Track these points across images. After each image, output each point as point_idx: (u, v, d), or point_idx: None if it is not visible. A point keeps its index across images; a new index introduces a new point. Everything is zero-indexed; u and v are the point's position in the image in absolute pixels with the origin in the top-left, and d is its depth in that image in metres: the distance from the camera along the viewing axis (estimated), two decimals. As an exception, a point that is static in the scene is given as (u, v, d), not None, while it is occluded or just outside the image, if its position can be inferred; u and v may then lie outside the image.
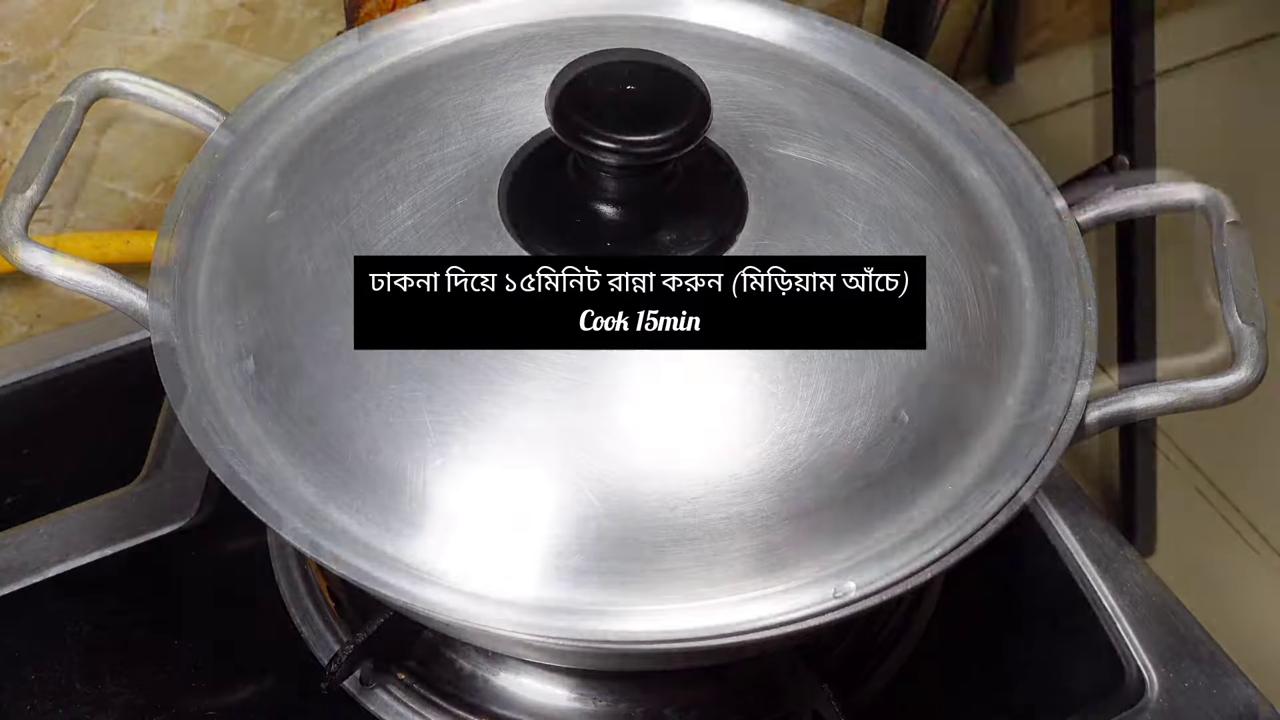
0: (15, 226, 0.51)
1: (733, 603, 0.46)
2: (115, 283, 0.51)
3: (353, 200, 0.52)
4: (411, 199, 0.51)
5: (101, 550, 0.64)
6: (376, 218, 0.51)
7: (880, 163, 0.54)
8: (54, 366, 0.73)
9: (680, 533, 0.46)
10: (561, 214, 0.49)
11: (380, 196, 0.51)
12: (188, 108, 0.59)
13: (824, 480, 0.47)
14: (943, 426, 0.49)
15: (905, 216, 0.53)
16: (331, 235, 0.51)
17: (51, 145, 0.53)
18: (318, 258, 0.51)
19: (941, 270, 0.51)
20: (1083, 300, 0.53)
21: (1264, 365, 0.50)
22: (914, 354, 0.49)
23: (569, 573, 0.46)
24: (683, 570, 0.46)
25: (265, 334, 0.50)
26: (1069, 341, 0.52)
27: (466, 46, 0.59)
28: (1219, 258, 0.54)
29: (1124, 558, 0.65)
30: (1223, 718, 0.59)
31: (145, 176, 0.76)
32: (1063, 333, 0.53)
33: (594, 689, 0.59)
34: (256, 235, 0.54)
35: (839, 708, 0.55)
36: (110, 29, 0.70)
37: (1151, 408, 0.51)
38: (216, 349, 0.51)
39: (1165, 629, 0.62)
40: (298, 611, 0.62)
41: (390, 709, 0.59)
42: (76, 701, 0.59)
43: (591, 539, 0.46)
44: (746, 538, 0.46)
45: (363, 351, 0.48)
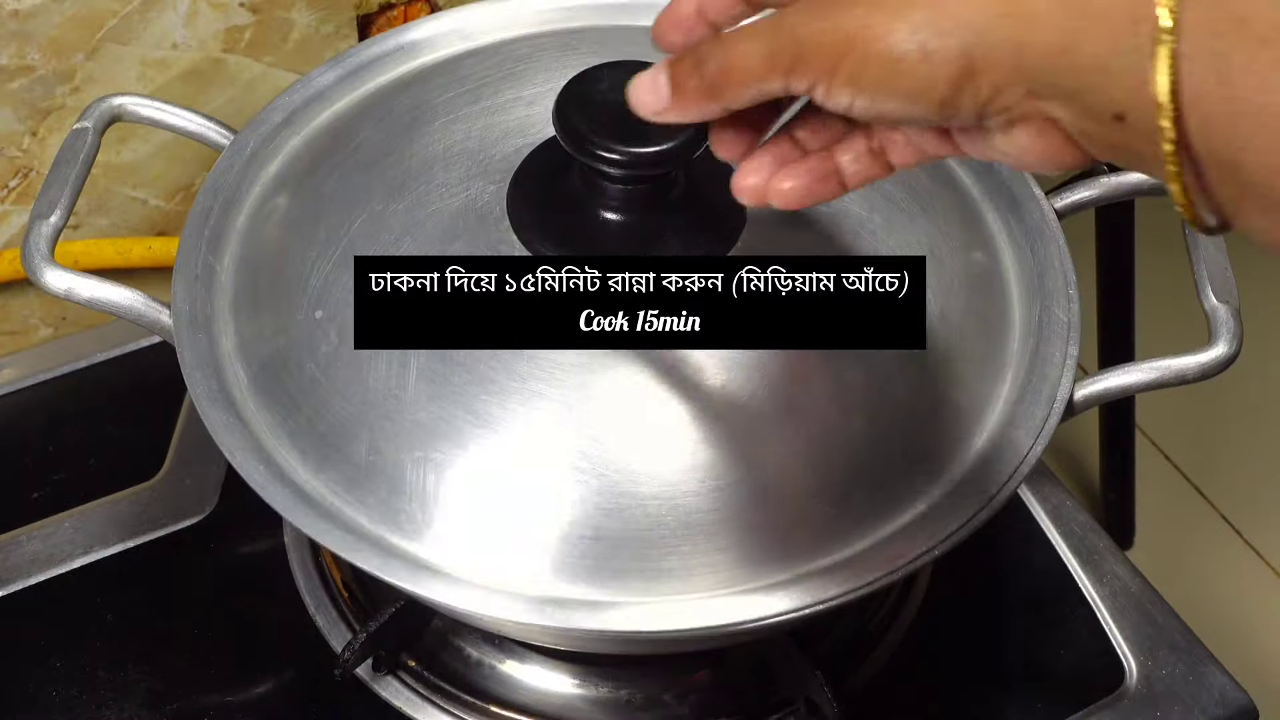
0: (43, 252, 0.52)
1: (730, 595, 0.46)
2: (141, 301, 0.53)
3: (359, 209, 0.52)
4: (417, 207, 0.51)
5: (124, 543, 0.65)
6: (382, 226, 0.51)
7: None
8: (78, 367, 0.74)
9: (680, 529, 0.46)
10: (566, 220, 0.48)
11: (386, 205, 0.52)
12: (198, 127, 0.60)
13: (820, 475, 0.47)
14: (936, 417, 0.50)
15: (900, 212, 0.53)
16: (340, 242, 0.51)
17: (72, 170, 0.55)
18: (324, 266, 0.51)
19: (935, 261, 0.52)
20: (1065, 285, 0.54)
21: (1239, 341, 0.51)
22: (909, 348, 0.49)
23: (570, 569, 0.46)
24: (681, 566, 0.46)
25: (278, 337, 0.51)
26: (1054, 325, 0.52)
27: (472, 55, 0.59)
28: (1191, 239, 0.54)
29: (1104, 550, 0.65)
30: (1199, 705, 0.60)
31: (165, 185, 0.76)
32: (1048, 317, 0.53)
33: (596, 676, 0.59)
34: (270, 244, 0.54)
35: (831, 693, 0.56)
36: (132, 44, 0.70)
37: (1133, 385, 0.51)
38: (235, 354, 0.51)
39: (1143, 619, 0.63)
40: (312, 602, 0.62)
41: (401, 695, 0.59)
42: (100, 688, 0.60)
43: (591, 537, 0.46)
44: (745, 532, 0.46)
45: (365, 352, 0.48)
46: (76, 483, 0.68)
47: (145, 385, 0.72)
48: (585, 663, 0.60)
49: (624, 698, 0.59)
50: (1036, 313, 0.53)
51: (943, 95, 0.32)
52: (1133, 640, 0.62)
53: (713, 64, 0.37)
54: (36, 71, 0.69)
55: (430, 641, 0.60)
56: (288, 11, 0.73)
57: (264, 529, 0.65)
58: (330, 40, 0.75)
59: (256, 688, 0.60)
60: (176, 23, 0.71)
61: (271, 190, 0.56)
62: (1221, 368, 0.51)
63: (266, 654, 0.62)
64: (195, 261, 0.54)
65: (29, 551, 0.65)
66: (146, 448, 0.69)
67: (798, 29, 0.35)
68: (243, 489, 0.48)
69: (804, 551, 0.47)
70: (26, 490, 0.68)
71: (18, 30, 0.67)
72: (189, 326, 0.51)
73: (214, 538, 0.66)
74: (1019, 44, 0.30)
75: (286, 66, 0.75)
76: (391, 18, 0.76)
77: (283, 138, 0.58)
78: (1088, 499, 1.18)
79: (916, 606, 0.63)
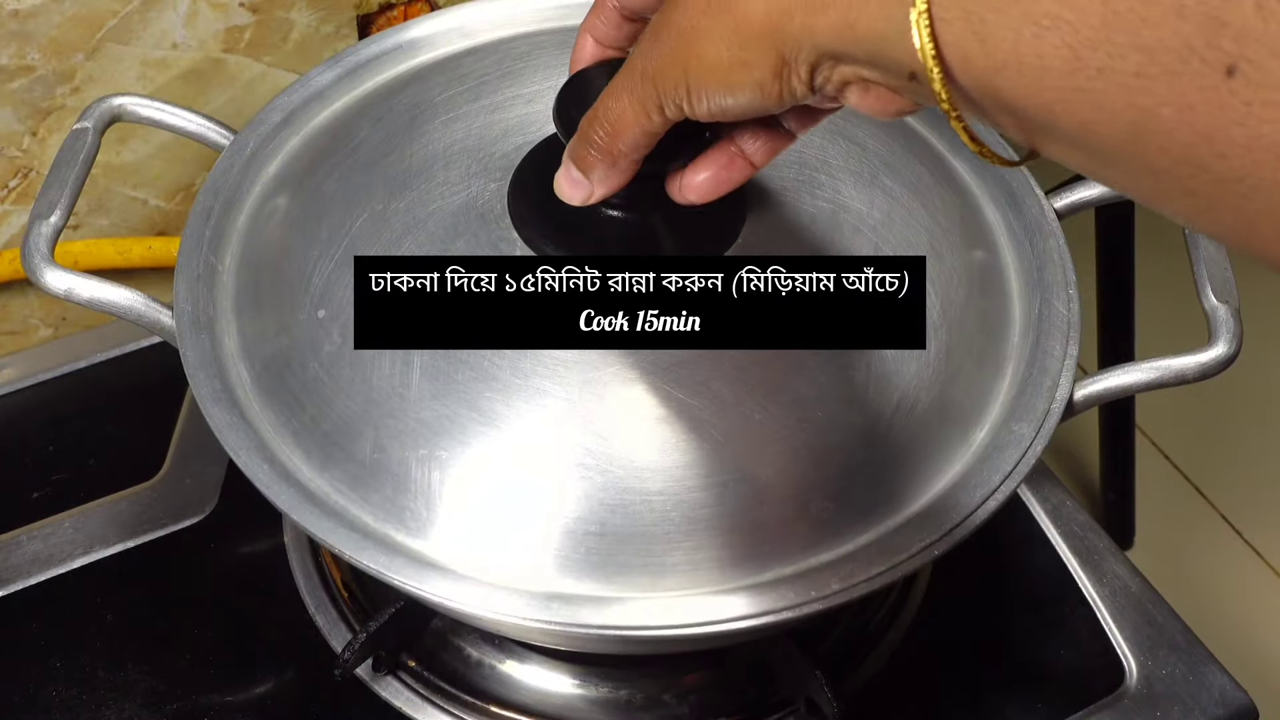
0: (43, 252, 0.52)
1: (733, 590, 0.46)
2: (141, 301, 0.52)
3: (360, 208, 0.52)
4: (419, 205, 0.51)
5: (124, 543, 0.65)
6: (384, 224, 0.51)
7: (876, 160, 0.55)
8: (78, 367, 0.74)
9: (684, 524, 0.46)
10: (567, 217, 0.47)
11: (387, 203, 0.52)
12: (198, 127, 0.60)
13: (821, 470, 0.47)
14: (938, 415, 0.50)
15: (900, 208, 0.53)
16: (341, 241, 0.51)
17: (71, 171, 0.54)
18: (326, 265, 0.51)
19: (936, 258, 0.52)
20: (1064, 280, 0.54)
21: (1239, 341, 0.51)
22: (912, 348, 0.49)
23: (574, 566, 0.46)
24: (686, 561, 0.46)
25: (280, 337, 0.51)
26: (1054, 320, 0.52)
27: (472, 53, 0.59)
28: (1191, 239, 0.54)
29: (1104, 550, 0.66)
30: (1199, 705, 0.60)
31: (165, 185, 0.77)
32: (1048, 311, 0.53)
33: (596, 676, 0.59)
34: (271, 243, 0.54)
35: (831, 693, 0.56)
36: (133, 44, 0.70)
37: (1133, 385, 0.51)
38: (238, 354, 0.51)
39: (1143, 619, 0.63)
40: (312, 601, 0.62)
41: (401, 695, 0.59)
42: (100, 688, 0.60)
43: (595, 533, 0.46)
44: (748, 528, 0.46)
45: (369, 351, 0.48)
46: (76, 483, 0.68)
47: (145, 385, 0.73)
48: (585, 663, 0.60)
49: (624, 698, 0.59)
50: (1036, 307, 0.53)
51: (774, 87, 0.36)
52: (1133, 640, 0.62)
53: (599, 134, 0.42)
54: (36, 71, 0.69)
55: (430, 641, 0.60)
56: (288, 11, 0.73)
57: (264, 529, 0.65)
58: (330, 40, 0.75)
59: (256, 688, 0.60)
60: (176, 23, 0.71)
61: (272, 190, 0.56)
62: (1221, 368, 0.51)
63: (266, 654, 0.62)
64: (197, 261, 0.54)
65: (29, 551, 0.65)
66: (146, 448, 0.69)
67: (645, 68, 0.39)
68: (243, 489, 0.48)
69: (807, 547, 0.47)
70: (26, 490, 0.68)
71: (18, 30, 0.67)
72: (191, 327, 0.51)
73: (214, 538, 0.66)
74: (811, 30, 0.34)
75: (286, 66, 0.75)
76: (391, 17, 0.76)
77: (282, 137, 0.58)
78: (1088, 499, 1.18)
79: (916, 606, 0.63)
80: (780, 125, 0.43)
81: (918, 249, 0.52)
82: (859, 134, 0.55)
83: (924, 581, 0.64)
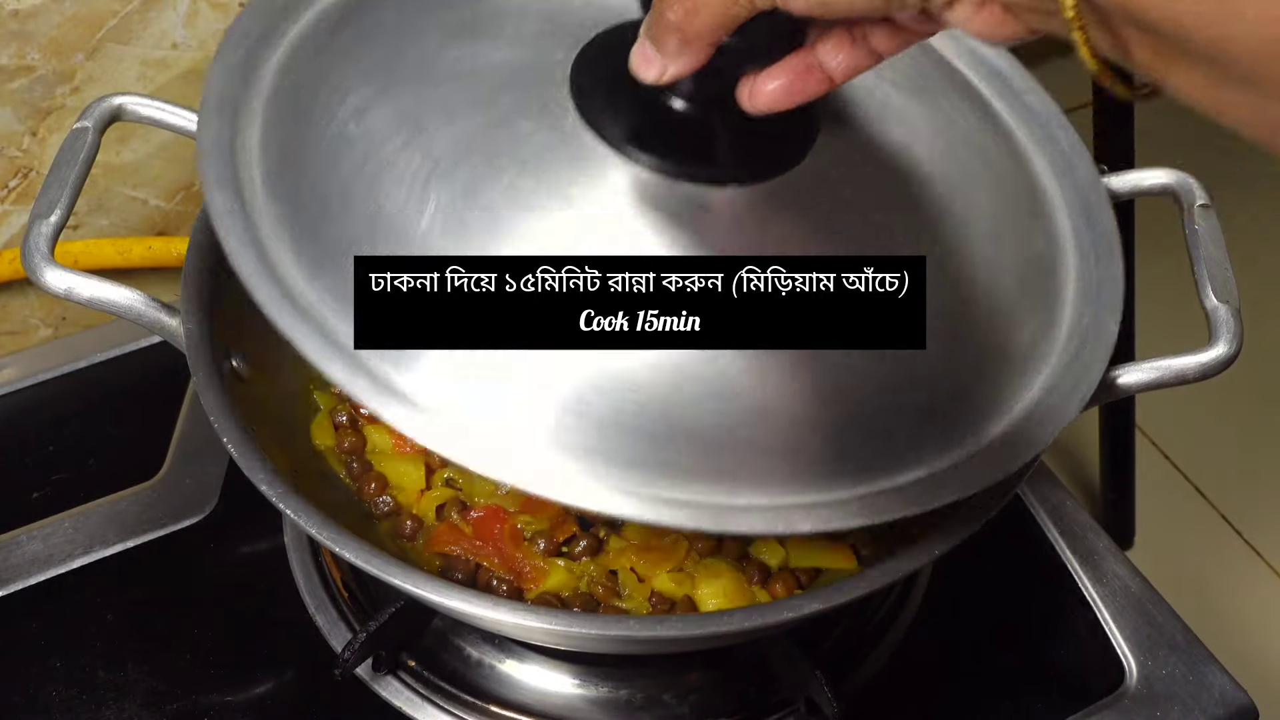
0: (43, 252, 0.51)
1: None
2: (141, 301, 0.52)
3: (413, 44, 0.50)
4: (476, 54, 0.49)
5: (124, 543, 0.65)
6: (434, 63, 0.49)
7: (944, 115, 0.54)
8: (78, 367, 0.74)
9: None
10: (628, 99, 0.46)
11: (443, 45, 0.49)
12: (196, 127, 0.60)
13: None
14: (958, 406, 0.48)
15: (955, 165, 0.52)
16: (386, 72, 0.49)
17: (72, 170, 0.54)
18: (366, 90, 0.49)
19: (995, 239, 0.51)
20: (1116, 295, 0.53)
21: (1239, 341, 0.51)
22: (933, 335, 0.48)
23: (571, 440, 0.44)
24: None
25: (306, 149, 0.48)
26: (1102, 333, 0.52)
27: None
28: (1191, 239, 0.55)
29: (1104, 550, 0.66)
30: (1199, 705, 0.60)
31: (165, 185, 0.77)
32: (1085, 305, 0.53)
33: (596, 676, 0.60)
34: (313, 58, 0.51)
35: (831, 693, 0.56)
36: (133, 44, 0.70)
37: (1133, 385, 0.52)
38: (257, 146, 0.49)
39: (1143, 619, 0.63)
40: (313, 601, 0.62)
41: (401, 695, 0.59)
42: (99, 688, 0.60)
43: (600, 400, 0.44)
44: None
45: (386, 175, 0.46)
46: (76, 483, 0.68)
47: (145, 385, 0.73)
48: (585, 663, 0.60)
49: (624, 698, 0.59)
50: (1086, 318, 0.53)
51: None
52: (1133, 640, 0.63)
53: (676, 9, 0.40)
54: (36, 71, 0.69)
55: (430, 641, 0.60)
56: (288, 11, 0.73)
57: (264, 529, 0.65)
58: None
59: (256, 688, 0.61)
60: (176, 23, 0.71)
61: (331, 8, 0.54)
62: (1221, 368, 0.51)
63: (266, 654, 0.62)
64: (240, 51, 0.51)
65: (29, 551, 0.65)
66: (146, 448, 0.69)
67: None
68: (243, 489, 0.48)
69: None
70: (26, 490, 0.68)
71: (18, 30, 0.67)
72: (216, 112, 0.49)
73: (214, 538, 0.66)
74: None
75: (286, 66, 0.75)
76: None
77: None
78: (1088, 499, 1.18)
79: (916, 606, 0.64)
80: (867, 42, 0.41)
81: (978, 226, 0.51)
82: (937, 89, 0.55)
83: (924, 582, 0.64)
